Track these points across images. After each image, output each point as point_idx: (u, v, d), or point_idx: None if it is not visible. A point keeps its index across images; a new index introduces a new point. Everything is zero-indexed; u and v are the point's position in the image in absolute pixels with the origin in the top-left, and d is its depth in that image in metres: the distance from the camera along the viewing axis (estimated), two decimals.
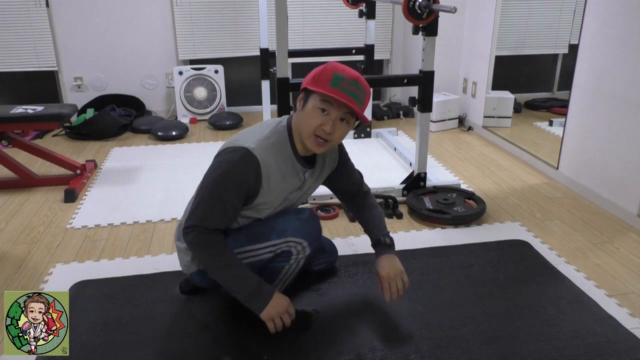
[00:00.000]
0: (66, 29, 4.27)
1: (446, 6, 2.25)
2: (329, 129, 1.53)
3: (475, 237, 2.42)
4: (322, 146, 1.58)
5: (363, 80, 1.56)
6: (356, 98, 1.53)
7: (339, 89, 1.50)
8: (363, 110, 1.57)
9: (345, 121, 1.56)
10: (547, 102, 4.30)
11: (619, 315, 1.85)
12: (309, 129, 1.55)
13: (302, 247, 1.71)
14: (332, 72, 1.52)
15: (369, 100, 1.60)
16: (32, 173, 3.11)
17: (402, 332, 1.76)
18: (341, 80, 1.51)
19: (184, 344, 1.72)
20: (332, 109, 1.53)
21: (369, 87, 1.59)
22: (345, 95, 1.50)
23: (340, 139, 1.60)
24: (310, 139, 1.57)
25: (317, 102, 1.53)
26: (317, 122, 1.53)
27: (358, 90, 1.53)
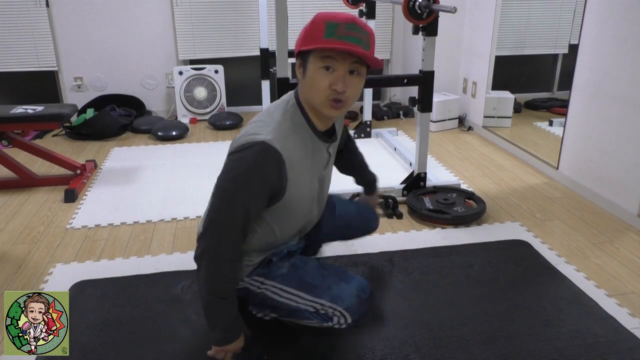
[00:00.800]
0: (66, 29, 4.27)
1: (446, 6, 2.25)
2: (340, 87, 1.31)
3: (475, 237, 2.42)
4: (338, 109, 1.36)
5: (361, 21, 1.33)
6: (359, 42, 1.30)
7: (337, 37, 1.28)
8: (372, 53, 1.35)
9: (355, 72, 1.34)
10: (547, 102, 4.30)
11: (618, 315, 1.85)
12: (319, 95, 1.34)
13: (345, 321, 1.53)
14: (323, 22, 1.30)
15: (374, 39, 1.36)
16: (32, 173, 3.10)
17: (402, 332, 1.76)
18: (336, 28, 1.28)
19: (184, 344, 1.72)
20: (337, 63, 1.31)
21: (369, 27, 1.35)
22: (346, 43, 1.28)
23: (356, 94, 1.37)
24: (325, 105, 1.35)
25: (317, 61, 1.32)
26: (325, 83, 1.32)
27: (359, 33, 1.30)
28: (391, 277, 2.09)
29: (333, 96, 1.33)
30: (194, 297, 1.97)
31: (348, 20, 1.30)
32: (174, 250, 2.33)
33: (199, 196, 2.85)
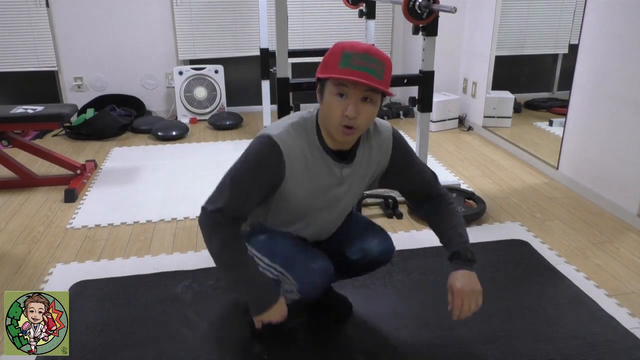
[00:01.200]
0: (66, 29, 4.27)
1: (446, 6, 2.25)
2: (352, 113, 1.38)
3: (475, 237, 2.41)
4: (348, 134, 1.43)
5: (376, 51, 1.41)
6: (372, 72, 1.37)
7: (351, 67, 1.36)
8: (386, 82, 1.42)
9: (369, 100, 1.41)
10: (547, 102, 4.30)
11: (618, 315, 1.85)
12: (333, 120, 1.42)
13: (293, 290, 1.57)
14: (341, 52, 1.39)
15: (390, 70, 1.43)
16: (32, 173, 3.11)
17: (402, 332, 1.76)
18: (350, 58, 1.37)
19: (184, 344, 1.72)
20: (350, 91, 1.38)
21: (385, 56, 1.42)
22: (358, 73, 1.36)
23: (367, 120, 1.44)
24: (337, 130, 1.43)
25: (332, 88, 1.40)
26: (339, 110, 1.39)
27: (372, 63, 1.37)
28: (391, 277, 2.09)
29: (345, 122, 1.41)
30: (194, 297, 1.97)
31: (363, 50, 1.39)
32: (174, 250, 2.34)
33: (199, 196, 2.84)
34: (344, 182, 1.58)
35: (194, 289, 2.01)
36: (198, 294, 1.98)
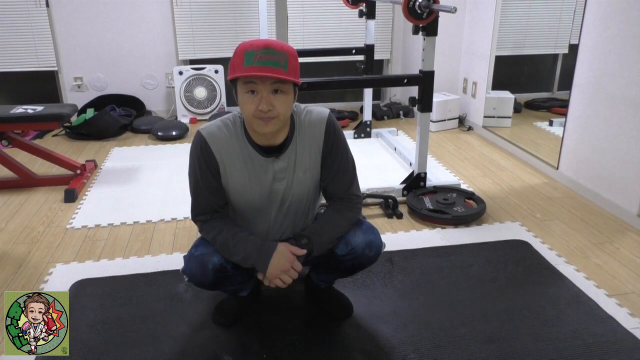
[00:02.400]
0: (66, 29, 4.27)
1: (446, 6, 2.26)
2: (264, 107, 1.44)
3: (475, 237, 2.42)
4: (267, 123, 1.48)
5: (277, 44, 1.45)
6: (275, 64, 1.42)
7: (254, 64, 1.41)
8: (292, 71, 1.46)
9: (279, 92, 1.46)
10: (547, 102, 4.30)
11: (618, 315, 1.85)
12: (248, 115, 1.48)
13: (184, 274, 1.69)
14: (243, 52, 1.44)
15: (295, 59, 1.47)
16: (32, 173, 3.11)
17: (402, 332, 1.76)
18: (252, 55, 1.42)
19: (184, 343, 1.72)
20: (258, 87, 1.44)
21: (288, 47, 1.47)
22: (262, 68, 1.41)
23: (285, 110, 1.48)
24: (255, 123, 1.49)
25: (242, 87, 1.46)
26: (252, 106, 1.45)
27: (274, 56, 1.42)
28: (391, 277, 2.09)
29: (260, 116, 1.47)
30: (194, 296, 1.97)
31: (263, 45, 1.43)
32: (174, 250, 2.34)
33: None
34: (281, 177, 1.62)
35: (194, 288, 2.01)
36: (198, 293, 1.98)
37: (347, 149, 1.68)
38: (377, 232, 1.71)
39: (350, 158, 1.69)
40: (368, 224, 1.71)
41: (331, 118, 1.64)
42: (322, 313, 1.85)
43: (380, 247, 1.71)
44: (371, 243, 1.67)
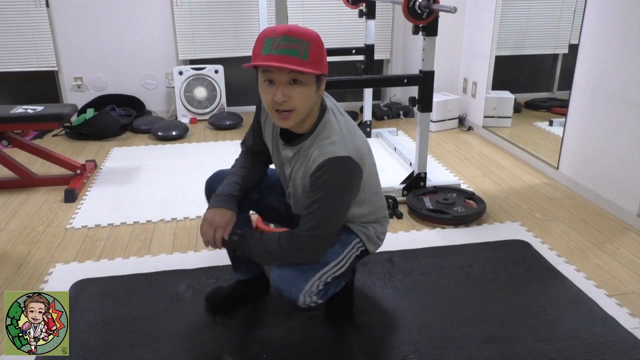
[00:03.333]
0: (66, 29, 4.27)
1: (446, 6, 2.26)
2: (279, 98, 1.38)
3: (475, 237, 2.42)
4: (285, 119, 1.43)
5: (298, 30, 1.36)
6: (293, 53, 1.34)
7: (272, 52, 1.34)
8: (313, 60, 1.37)
9: (298, 82, 1.38)
10: (547, 102, 4.30)
11: (618, 315, 1.85)
12: (267, 106, 1.44)
13: None
14: (263, 39, 1.37)
15: (317, 46, 1.38)
16: (32, 173, 3.11)
17: (401, 332, 1.76)
18: (272, 42, 1.34)
19: (184, 343, 1.72)
20: (275, 77, 1.38)
21: (310, 33, 1.38)
22: (278, 57, 1.34)
23: (303, 102, 1.41)
24: (274, 116, 1.45)
25: (261, 76, 1.40)
26: (269, 97, 1.40)
27: (293, 44, 1.34)
28: (391, 277, 2.09)
29: (276, 107, 1.41)
30: (194, 296, 1.97)
31: (283, 32, 1.36)
32: (174, 250, 2.34)
33: (198, 196, 2.84)
34: (287, 164, 1.61)
35: (194, 288, 2.02)
36: (198, 293, 1.98)
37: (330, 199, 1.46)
38: (293, 282, 1.54)
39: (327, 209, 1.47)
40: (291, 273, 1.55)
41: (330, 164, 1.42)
42: (321, 314, 1.85)
43: (290, 297, 1.54)
44: (280, 290, 1.56)
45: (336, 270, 1.61)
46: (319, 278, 1.57)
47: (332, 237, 1.57)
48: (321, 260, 1.58)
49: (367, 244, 1.69)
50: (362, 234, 1.68)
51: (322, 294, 1.58)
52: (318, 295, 1.57)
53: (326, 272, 1.58)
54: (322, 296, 1.59)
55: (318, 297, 1.57)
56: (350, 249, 1.65)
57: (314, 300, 1.57)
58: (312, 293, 1.56)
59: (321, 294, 1.58)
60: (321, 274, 1.57)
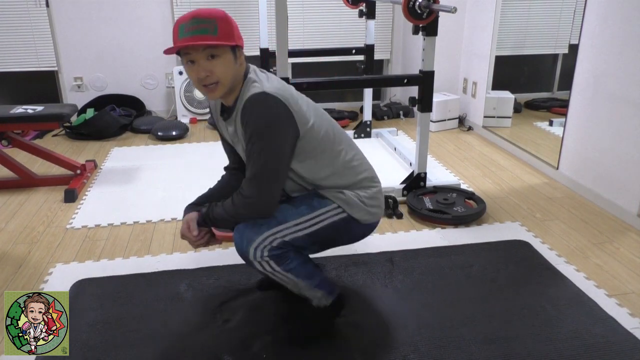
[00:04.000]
0: (66, 29, 4.27)
1: (446, 6, 2.26)
2: (202, 74, 1.49)
3: (475, 237, 2.42)
4: (212, 91, 1.53)
5: (204, 12, 1.49)
6: (204, 32, 1.46)
7: (185, 35, 1.46)
8: (224, 35, 1.48)
9: (215, 56, 1.49)
10: (547, 102, 4.30)
11: (618, 315, 1.85)
12: (195, 83, 1.54)
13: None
14: (177, 26, 1.49)
15: (225, 22, 1.49)
16: (32, 173, 3.11)
17: (401, 332, 1.76)
18: (184, 27, 1.47)
19: (184, 343, 1.72)
20: (194, 56, 1.48)
21: (217, 12, 1.49)
22: (190, 38, 1.45)
23: (224, 73, 1.51)
24: (202, 91, 1.55)
25: (182, 59, 1.52)
26: (194, 76, 1.51)
27: (202, 24, 1.46)
28: (391, 277, 2.09)
29: (202, 83, 1.52)
30: (194, 296, 1.97)
31: (192, 16, 1.48)
32: (174, 250, 2.34)
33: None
34: (235, 140, 1.68)
35: (194, 288, 2.02)
36: (198, 293, 1.98)
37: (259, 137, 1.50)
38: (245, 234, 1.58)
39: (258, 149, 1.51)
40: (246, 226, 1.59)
41: (248, 103, 1.50)
42: (322, 313, 1.85)
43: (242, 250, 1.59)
44: (235, 244, 1.61)
45: (296, 231, 1.59)
46: (274, 234, 1.57)
47: (276, 181, 1.56)
48: (279, 216, 1.60)
49: (349, 209, 1.64)
50: (339, 199, 1.64)
51: (277, 255, 1.57)
52: (271, 253, 1.56)
53: (283, 230, 1.58)
54: (276, 258, 1.57)
55: (271, 257, 1.56)
56: (321, 213, 1.62)
57: (265, 256, 1.56)
58: (265, 248, 1.56)
59: (276, 254, 1.57)
60: (277, 230, 1.57)
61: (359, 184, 1.68)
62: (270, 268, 1.59)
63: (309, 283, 1.66)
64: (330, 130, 1.67)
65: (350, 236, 1.75)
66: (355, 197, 1.65)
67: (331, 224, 1.63)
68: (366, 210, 1.67)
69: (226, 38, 1.49)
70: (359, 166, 1.71)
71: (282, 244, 1.58)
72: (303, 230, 1.61)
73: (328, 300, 1.72)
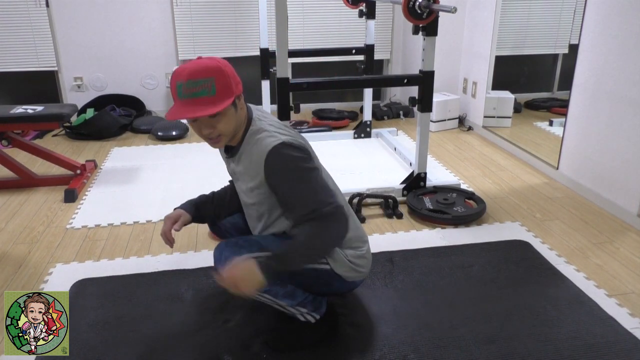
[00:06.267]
0: (66, 29, 4.27)
1: (446, 6, 2.26)
2: (206, 133, 1.54)
3: (475, 237, 2.42)
4: (217, 142, 1.58)
5: (201, 69, 1.45)
6: (202, 94, 1.45)
7: (183, 97, 1.46)
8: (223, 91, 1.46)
9: (217, 114, 1.49)
10: (547, 102, 4.30)
11: (618, 315, 1.85)
12: (199, 136, 1.59)
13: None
14: (174, 84, 1.48)
15: (222, 76, 1.46)
16: (32, 173, 3.11)
17: (401, 332, 1.76)
18: (181, 87, 1.46)
19: (185, 343, 1.72)
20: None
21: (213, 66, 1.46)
22: (190, 101, 1.45)
23: (227, 127, 1.53)
24: (208, 143, 1.61)
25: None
26: (197, 130, 1.56)
27: (198, 86, 1.44)
28: (391, 277, 2.09)
29: (207, 138, 1.57)
30: (194, 296, 1.97)
31: (188, 76, 1.45)
32: (174, 250, 2.34)
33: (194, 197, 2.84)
34: (237, 178, 1.70)
35: (194, 288, 2.02)
36: (198, 293, 1.98)
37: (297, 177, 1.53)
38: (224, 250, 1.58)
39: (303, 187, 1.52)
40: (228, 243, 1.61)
41: (272, 154, 1.52)
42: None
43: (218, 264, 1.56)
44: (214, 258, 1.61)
45: None
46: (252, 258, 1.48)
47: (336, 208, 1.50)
48: (262, 243, 1.61)
49: (332, 263, 1.63)
50: None
51: None
52: None
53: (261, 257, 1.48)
54: None
55: None
56: None
57: None
58: None
59: None
60: (256, 256, 1.47)
61: (346, 243, 1.66)
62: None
63: (290, 302, 1.67)
64: (330, 182, 1.69)
65: (332, 289, 1.73)
66: (342, 254, 1.66)
67: (313, 269, 1.63)
68: (350, 267, 1.67)
69: (225, 94, 1.48)
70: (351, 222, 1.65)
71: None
72: None
73: (315, 317, 1.74)
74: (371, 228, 2.53)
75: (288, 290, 1.66)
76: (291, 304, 1.68)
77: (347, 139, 3.94)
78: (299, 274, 1.62)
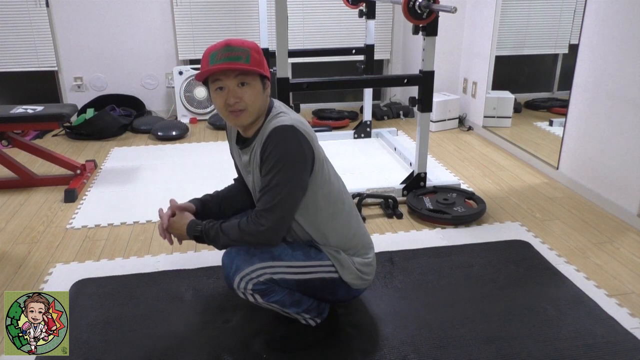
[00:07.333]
0: (66, 29, 4.27)
1: (446, 6, 2.26)
2: (231, 100, 1.51)
3: (475, 237, 2.42)
4: (238, 116, 1.54)
5: (236, 41, 1.53)
6: (237, 59, 1.49)
7: (218, 62, 1.49)
8: (256, 64, 1.52)
9: (245, 84, 1.52)
10: (547, 102, 4.30)
11: (618, 315, 1.85)
12: (221, 111, 1.56)
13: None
14: (208, 54, 1.52)
15: (257, 52, 1.54)
16: (32, 173, 3.11)
17: (401, 332, 1.76)
18: (216, 54, 1.50)
19: (185, 343, 1.72)
20: (224, 82, 1.51)
21: (249, 43, 1.54)
22: (223, 63, 1.49)
23: (253, 101, 1.53)
24: (227, 117, 1.57)
25: (212, 86, 1.54)
26: (221, 101, 1.53)
27: (235, 51, 1.50)
28: (391, 277, 2.09)
29: (229, 109, 1.54)
30: (194, 296, 1.97)
31: (223, 45, 1.52)
32: (174, 250, 2.34)
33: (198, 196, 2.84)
34: (248, 170, 1.67)
35: (194, 288, 2.02)
36: (198, 293, 1.98)
37: (281, 171, 1.50)
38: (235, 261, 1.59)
39: (278, 183, 1.50)
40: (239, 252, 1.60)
41: (275, 132, 1.51)
42: None
43: (228, 276, 1.60)
44: (223, 267, 1.63)
45: (287, 273, 1.60)
46: (264, 268, 1.58)
47: (290, 216, 1.57)
48: (274, 253, 1.60)
49: (341, 270, 1.65)
50: (334, 257, 1.65)
51: (261, 290, 1.59)
52: (256, 287, 1.58)
53: (275, 267, 1.58)
54: (261, 292, 1.59)
55: (255, 290, 1.58)
56: (314, 265, 1.63)
57: (249, 289, 1.58)
58: (250, 281, 1.57)
59: (260, 289, 1.58)
60: (268, 265, 1.58)
61: (353, 249, 1.70)
62: (253, 299, 1.62)
63: (296, 310, 1.70)
64: (341, 187, 1.73)
65: (337, 297, 1.75)
66: (350, 261, 1.67)
67: (321, 278, 1.65)
68: (357, 275, 1.69)
69: (258, 67, 1.52)
70: (358, 230, 1.72)
71: (268, 280, 1.59)
72: (293, 274, 1.62)
73: (316, 322, 1.77)
74: (371, 228, 2.53)
75: (295, 298, 1.68)
76: (297, 311, 1.71)
77: (347, 139, 3.95)
78: (303, 283, 1.64)
